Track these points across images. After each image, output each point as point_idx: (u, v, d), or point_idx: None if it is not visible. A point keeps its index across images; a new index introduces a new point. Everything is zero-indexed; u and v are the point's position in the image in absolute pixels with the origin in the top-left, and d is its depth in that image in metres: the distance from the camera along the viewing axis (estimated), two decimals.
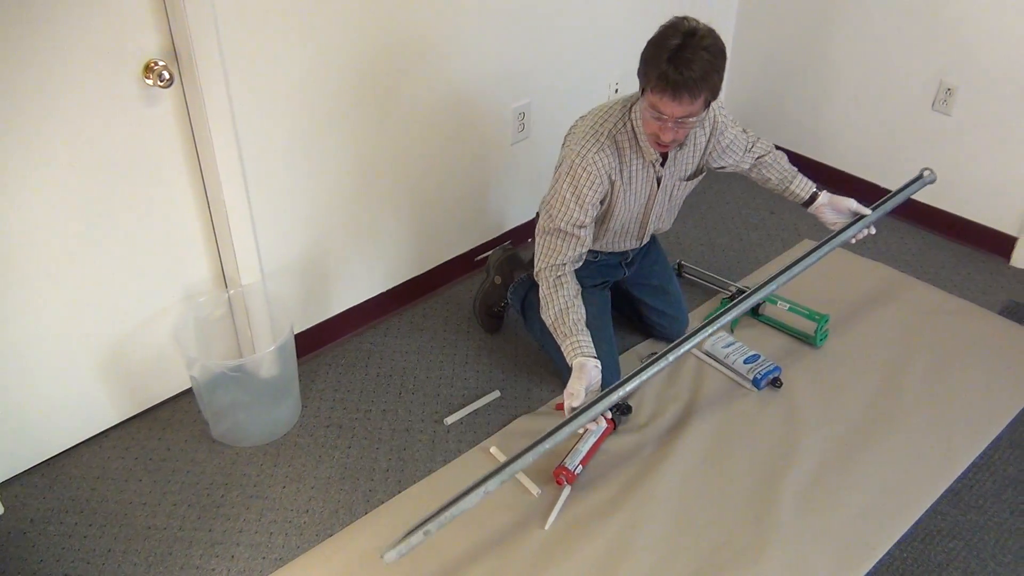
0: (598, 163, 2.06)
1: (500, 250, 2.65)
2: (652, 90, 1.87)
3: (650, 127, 1.97)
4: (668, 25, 1.88)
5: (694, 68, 1.80)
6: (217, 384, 2.21)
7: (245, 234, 2.22)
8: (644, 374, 1.99)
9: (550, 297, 2.12)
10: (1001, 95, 2.83)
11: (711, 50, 1.83)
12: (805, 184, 2.41)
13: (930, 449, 2.25)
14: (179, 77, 2.00)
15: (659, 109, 1.88)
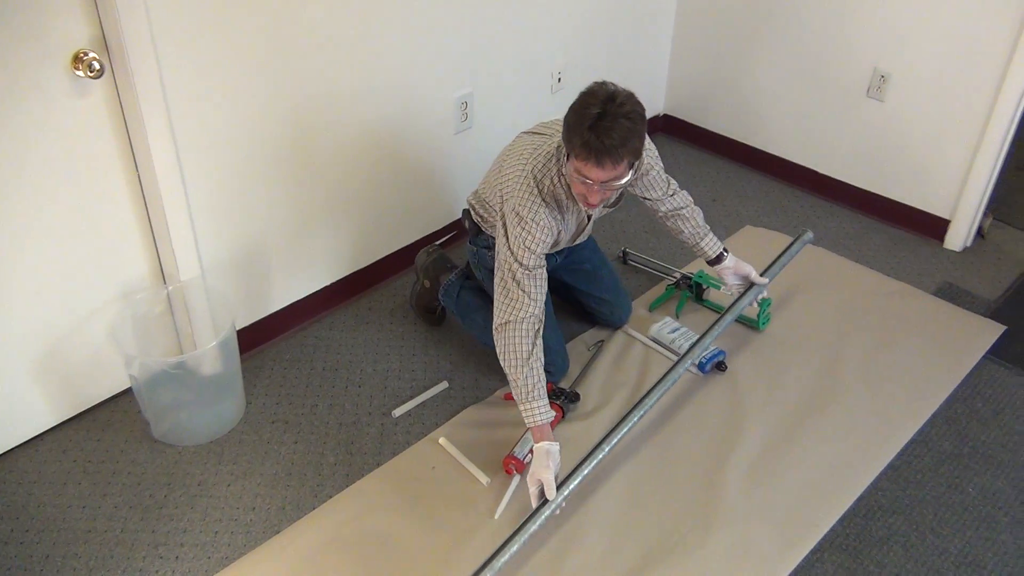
0: (547, 220, 2.05)
1: (424, 253, 2.61)
2: (576, 157, 1.90)
3: (578, 188, 1.99)
4: (588, 92, 1.90)
5: (614, 135, 1.83)
6: (157, 382, 2.16)
7: (183, 228, 2.18)
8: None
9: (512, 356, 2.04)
10: (933, 82, 2.90)
11: (630, 116, 1.85)
12: (715, 243, 2.45)
13: (870, 427, 2.30)
14: (110, 67, 1.95)
15: (584, 174, 1.91)
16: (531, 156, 2.11)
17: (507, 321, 2.05)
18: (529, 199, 2.05)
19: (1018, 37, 2.65)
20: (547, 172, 2.07)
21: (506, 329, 2.05)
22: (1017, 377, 2.49)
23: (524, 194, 2.06)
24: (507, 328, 2.05)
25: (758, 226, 3.15)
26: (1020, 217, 3.22)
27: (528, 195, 2.05)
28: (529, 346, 2.04)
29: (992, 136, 2.82)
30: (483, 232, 2.38)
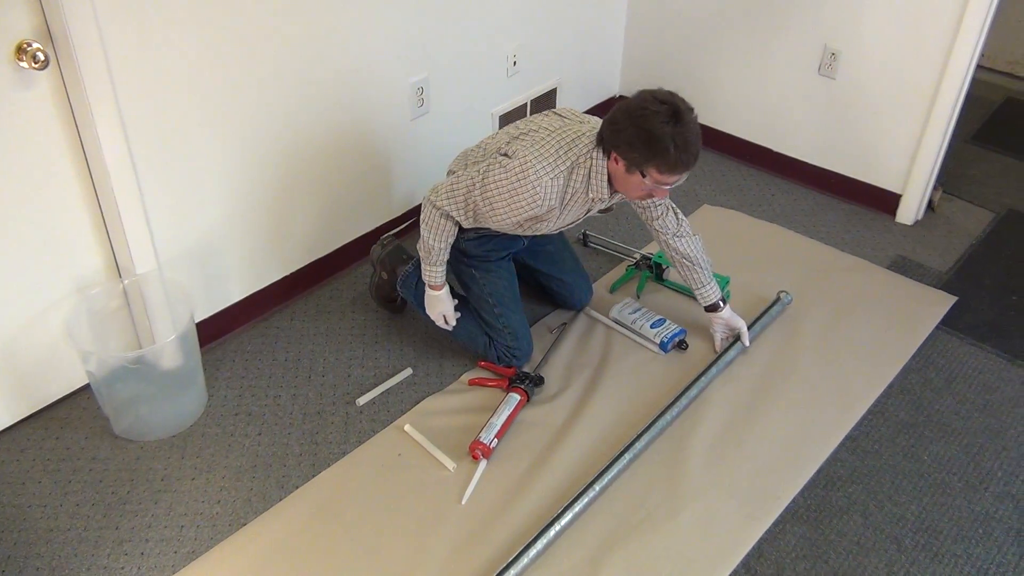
0: (547, 188, 2.07)
1: (379, 246, 2.59)
2: (659, 169, 1.99)
3: (640, 192, 2.09)
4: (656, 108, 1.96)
5: (694, 149, 1.98)
6: (116, 378, 2.13)
7: (137, 221, 2.14)
8: None
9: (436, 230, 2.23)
10: (882, 58, 2.94)
11: (698, 127, 2.00)
12: (714, 291, 2.45)
13: (828, 400, 2.35)
14: (55, 58, 1.90)
15: (666, 183, 2.03)
16: (560, 134, 2.12)
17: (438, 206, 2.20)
18: (544, 161, 2.07)
19: (963, 13, 2.70)
20: (574, 147, 2.11)
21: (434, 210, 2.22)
22: (968, 347, 2.56)
23: (543, 158, 2.07)
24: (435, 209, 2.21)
25: (716, 205, 3.18)
26: (968, 190, 3.30)
27: (545, 158, 2.07)
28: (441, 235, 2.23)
29: (940, 111, 2.87)
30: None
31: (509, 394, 2.27)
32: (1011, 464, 2.20)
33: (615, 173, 2.09)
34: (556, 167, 2.08)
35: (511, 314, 2.38)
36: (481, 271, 2.39)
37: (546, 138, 2.12)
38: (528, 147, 2.10)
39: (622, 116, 2.00)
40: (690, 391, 2.31)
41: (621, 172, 2.06)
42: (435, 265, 2.30)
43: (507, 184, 2.08)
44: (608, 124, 2.05)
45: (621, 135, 2.01)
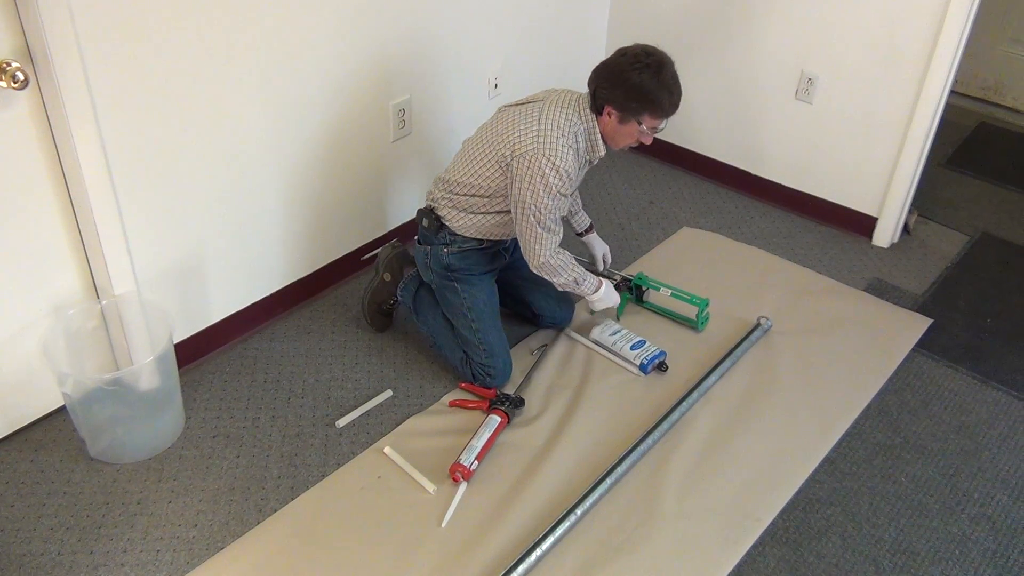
0: (571, 159, 2.25)
1: (389, 247, 2.63)
2: (653, 115, 2.25)
3: (633, 140, 2.31)
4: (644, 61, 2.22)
5: (680, 89, 2.27)
6: (93, 399, 2.11)
7: (116, 240, 2.13)
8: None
9: (561, 268, 2.37)
10: (858, 84, 2.99)
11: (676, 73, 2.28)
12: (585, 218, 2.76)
13: (806, 421, 2.36)
14: (35, 77, 1.89)
15: (657, 127, 2.29)
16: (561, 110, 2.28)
17: (545, 260, 2.33)
18: (557, 144, 2.23)
19: (936, 39, 2.75)
20: (572, 117, 2.28)
21: (546, 264, 2.34)
22: (944, 368, 2.59)
23: (551, 140, 2.23)
24: (547, 264, 2.34)
25: (695, 227, 3.21)
26: (943, 213, 3.34)
27: (555, 141, 2.23)
28: (568, 263, 2.38)
29: (914, 135, 2.92)
30: (444, 228, 2.41)
31: (489, 416, 2.27)
32: (986, 485, 2.22)
33: (608, 127, 2.30)
34: (566, 141, 2.24)
35: (488, 330, 2.39)
36: (463, 284, 2.41)
37: (544, 120, 2.25)
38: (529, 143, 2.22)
39: (614, 73, 2.23)
40: (671, 415, 2.32)
41: (614, 125, 2.28)
42: (582, 279, 2.42)
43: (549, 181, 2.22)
44: (599, 84, 2.25)
45: (617, 90, 2.23)
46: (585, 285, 2.43)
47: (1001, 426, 2.40)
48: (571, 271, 2.38)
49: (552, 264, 2.34)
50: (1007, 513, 2.15)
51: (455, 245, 2.40)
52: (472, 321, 2.39)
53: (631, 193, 3.42)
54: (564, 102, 2.30)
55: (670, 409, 2.35)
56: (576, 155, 2.28)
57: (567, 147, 2.23)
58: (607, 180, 3.49)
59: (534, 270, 2.36)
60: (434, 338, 2.50)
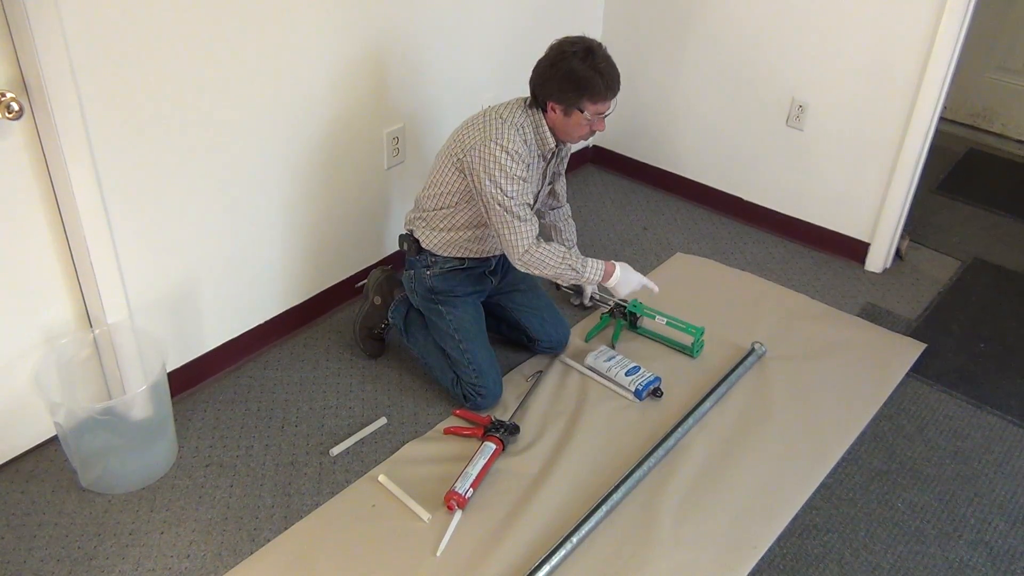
0: (520, 142, 2.26)
1: (379, 271, 2.64)
2: (592, 100, 2.23)
3: (583, 130, 2.30)
4: (571, 50, 2.22)
5: (614, 69, 2.26)
6: (85, 429, 2.09)
7: (109, 269, 2.12)
8: None
9: (547, 257, 2.30)
10: (848, 111, 3.02)
11: (609, 55, 2.27)
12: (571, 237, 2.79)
13: (802, 447, 2.36)
14: (29, 108, 1.90)
15: (601, 111, 2.28)
16: (494, 113, 2.30)
17: (525, 250, 2.28)
18: (501, 130, 2.25)
19: (925, 67, 2.78)
20: (512, 114, 2.30)
21: (527, 255, 2.29)
22: (938, 393, 2.59)
23: (495, 129, 2.25)
24: (527, 254, 2.29)
25: (688, 253, 3.22)
26: (935, 238, 3.36)
27: (499, 129, 2.25)
28: (556, 252, 2.31)
29: (905, 162, 2.94)
30: (423, 251, 2.42)
31: (484, 443, 2.26)
32: (983, 511, 2.21)
33: (556, 122, 2.30)
34: (511, 128, 2.26)
35: (476, 349, 2.39)
36: (447, 306, 2.41)
37: (484, 123, 2.28)
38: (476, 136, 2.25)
39: (546, 67, 2.25)
40: (666, 442, 2.31)
41: (560, 118, 2.28)
42: (586, 265, 2.36)
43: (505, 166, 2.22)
44: (537, 79, 2.28)
45: (551, 83, 2.24)
46: (589, 271, 2.36)
47: (997, 451, 2.40)
48: (563, 260, 2.31)
49: (536, 255, 2.28)
50: (1004, 539, 2.14)
51: (437, 267, 2.42)
52: (460, 342, 2.39)
53: (625, 219, 3.43)
54: (507, 103, 2.34)
55: (665, 436, 2.34)
56: (525, 144, 2.28)
57: (513, 133, 2.24)
58: (600, 207, 3.50)
59: (520, 268, 2.31)
60: (425, 359, 2.50)
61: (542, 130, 2.32)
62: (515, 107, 2.32)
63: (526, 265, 2.30)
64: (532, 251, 2.28)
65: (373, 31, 2.56)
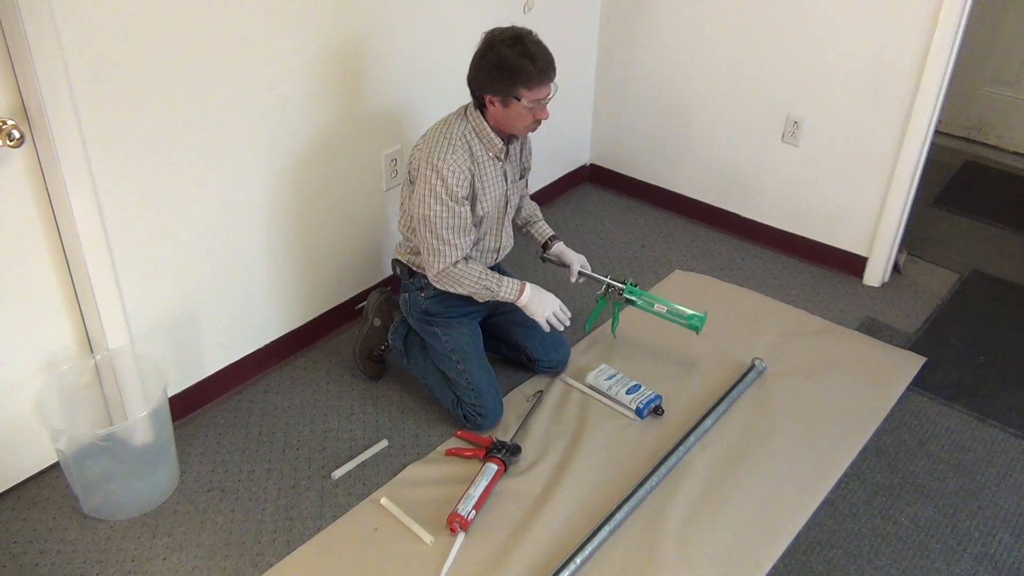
0: (458, 160, 2.22)
1: (378, 293, 2.65)
2: (529, 87, 2.18)
3: (525, 120, 2.25)
4: (500, 38, 2.18)
5: (546, 53, 2.20)
6: (87, 455, 2.09)
7: (110, 295, 2.13)
8: None
9: (462, 276, 2.30)
10: (843, 126, 3.03)
11: (540, 40, 2.22)
12: (547, 228, 2.69)
13: (805, 463, 2.35)
14: (31, 136, 1.91)
15: (539, 98, 2.21)
16: (433, 131, 2.29)
17: (440, 270, 2.29)
18: (438, 149, 2.22)
19: (919, 80, 2.80)
20: (450, 126, 2.27)
21: (442, 274, 2.30)
22: (939, 407, 2.59)
23: (435, 150, 2.23)
24: (443, 274, 2.30)
25: (687, 270, 3.23)
26: (933, 252, 3.37)
27: (438, 147, 2.23)
28: (472, 272, 2.31)
29: (901, 175, 2.95)
30: (415, 273, 2.42)
31: (486, 464, 2.26)
32: (987, 525, 2.21)
33: (497, 116, 2.25)
34: (450, 144, 2.23)
35: (475, 369, 2.39)
36: (443, 328, 2.42)
37: (425, 142, 2.28)
38: (419, 156, 2.26)
39: (476, 62, 2.22)
40: (668, 460, 2.31)
41: (500, 111, 2.23)
42: (500, 285, 2.34)
43: (436, 189, 2.20)
44: (471, 74, 2.25)
45: (483, 75, 2.21)
46: (503, 291, 2.35)
47: (999, 464, 2.39)
48: (478, 280, 2.31)
49: (451, 273, 2.29)
50: (1009, 552, 2.13)
51: (430, 289, 2.41)
52: (457, 363, 2.40)
53: (623, 237, 3.44)
54: (448, 116, 2.32)
55: (667, 454, 2.34)
56: (471, 156, 2.25)
57: (452, 151, 2.21)
58: (598, 225, 3.51)
59: (434, 283, 2.33)
60: (425, 381, 2.50)
61: (485, 132, 2.28)
62: (454, 119, 2.29)
63: (440, 283, 2.32)
64: (449, 270, 2.29)
65: (371, 56, 2.58)
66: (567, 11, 3.31)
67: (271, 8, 2.24)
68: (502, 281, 2.35)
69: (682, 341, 2.77)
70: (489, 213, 2.37)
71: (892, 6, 2.78)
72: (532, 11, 3.09)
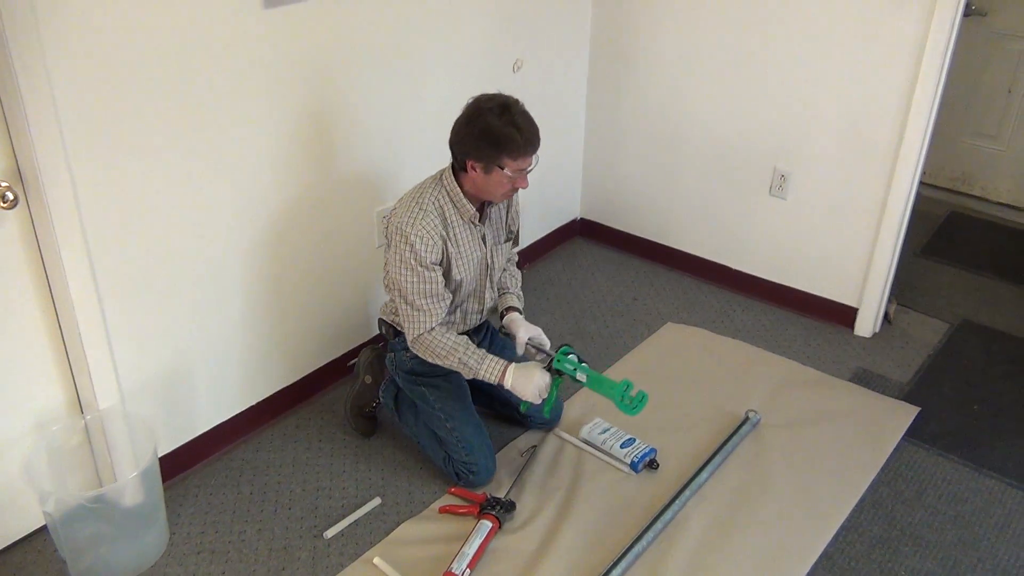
0: (427, 225, 2.22)
1: (369, 350, 2.64)
2: (513, 157, 2.17)
3: (505, 188, 2.23)
4: (487, 106, 2.17)
5: (532, 125, 2.19)
6: (75, 518, 2.06)
7: (101, 355, 2.12)
8: None
9: (439, 347, 2.27)
10: (829, 179, 3.07)
11: (526, 111, 2.21)
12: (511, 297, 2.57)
13: (801, 516, 2.34)
14: (24, 198, 1.92)
15: (521, 167, 2.21)
16: (406, 197, 2.29)
17: (415, 337, 2.28)
18: (409, 215, 2.22)
19: (903, 133, 2.85)
20: (424, 191, 2.27)
21: (417, 341, 2.29)
22: (935, 457, 2.58)
23: (406, 215, 2.23)
24: (417, 341, 2.29)
25: (679, 323, 3.24)
26: (922, 302, 3.39)
27: (409, 213, 2.23)
28: (450, 343, 2.27)
29: (888, 227, 2.99)
30: (400, 333, 2.42)
31: (480, 521, 2.23)
32: None
33: (477, 182, 2.23)
34: (421, 208, 2.23)
35: (464, 428, 2.38)
36: (430, 388, 2.41)
37: (400, 204, 2.28)
38: (394, 219, 2.26)
39: (462, 126, 2.21)
40: (664, 515, 2.29)
41: (481, 177, 2.21)
42: (481, 363, 2.28)
43: (404, 255, 2.21)
44: (453, 140, 2.23)
45: (467, 141, 2.19)
46: (484, 371, 2.27)
47: (997, 515, 2.38)
48: (452, 353, 2.26)
49: (425, 342, 2.27)
50: None
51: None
52: (446, 421, 2.38)
53: (614, 291, 3.45)
54: (423, 182, 2.31)
55: (663, 508, 2.32)
56: (443, 222, 2.24)
57: (423, 216, 2.21)
58: (590, 279, 3.53)
59: (412, 349, 2.32)
60: (417, 439, 2.49)
61: (459, 198, 2.26)
62: (428, 184, 2.29)
63: (417, 350, 2.30)
64: (424, 337, 2.27)
65: (362, 116, 2.61)
66: (556, 68, 3.37)
67: (259, 77, 2.28)
68: (484, 360, 2.28)
69: (675, 393, 2.77)
70: (467, 278, 2.35)
71: (874, 62, 2.84)
72: (521, 68, 3.15)
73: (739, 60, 3.13)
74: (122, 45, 1.95)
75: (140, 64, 2.00)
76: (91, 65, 1.91)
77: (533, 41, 3.18)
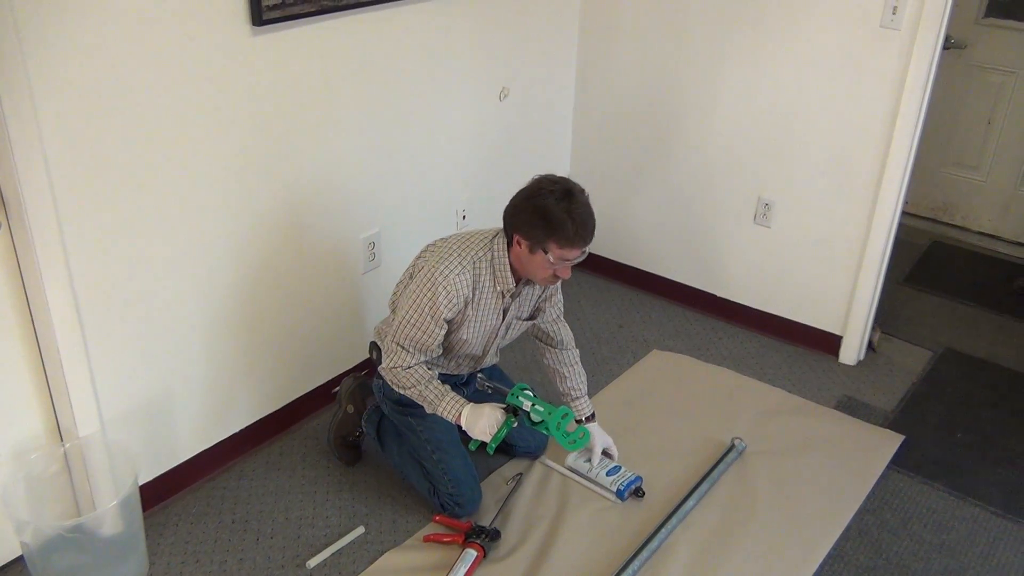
0: (458, 284, 2.18)
1: (351, 379, 2.62)
2: (558, 243, 2.12)
3: (545, 272, 2.20)
4: (549, 188, 2.15)
5: (589, 222, 2.16)
6: (52, 548, 2.03)
7: (82, 382, 2.10)
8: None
9: (405, 379, 2.26)
10: (813, 208, 3.10)
11: (589, 204, 2.19)
12: (587, 405, 2.56)
13: (788, 545, 2.33)
14: (6, 222, 1.91)
15: (567, 257, 2.16)
16: (454, 239, 2.27)
17: (390, 367, 2.26)
18: (448, 261, 2.19)
19: (884, 164, 2.88)
20: (471, 244, 2.25)
21: (391, 372, 2.27)
22: (920, 485, 2.58)
23: (445, 260, 2.20)
24: (391, 371, 2.27)
25: (665, 350, 3.24)
26: (906, 330, 3.41)
27: (448, 259, 2.20)
28: (416, 377, 2.25)
29: (871, 255, 3.01)
30: None
31: (465, 550, 2.21)
32: None
33: (519, 257, 2.21)
34: (461, 263, 2.20)
35: (451, 459, 2.36)
36: (417, 418, 2.39)
37: (443, 246, 2.27)
38: (429, 258, 2.25)
39: (521, 199, 2.17)
40: (651, 543, 2.27)
41: (525, 254, 2.18)
42: (440, 399, 2.25)
43: (422, 300, 2.19)
44: (509, 209, 2.20)
45: (521, 216, 2.16)
46: (442, 408, 2.25)
47: (982, 543, 2.38)
48: (415, 387, 2.24)
49: (395, 373, 2.25)
50: None
51: None
52: (432, 452, 2.36)
53: (600, 318, 3.45)
54: (478, 233, 2.28)
55: (649, 536, 2.30)
56: (474, 280, 2.21)
57: (461, 272, 2.18)
58: (576, 306, 3.53)
59: (382, 374, 2.31)
60: (401, 470, 2.47)
61: (501, 267, 2.23)
62: (478, 240, 2.25)
63: (387, 378, 2.29)
64: (397, 370, 2.26)
65: (348, 139, 2.62)
66: (541, 97, 3.39)
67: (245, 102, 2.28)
68: (444, 396, 2.25)
69: (661, 421, 2.76)
70: (473, 341, 2.33)
71: (857, 94, 2.88)
72: (507, 97, 3.17)
73: (724, 91, 3.16)
74: (108, 70, 1.95)
75: (126, 89, 2.00)
76: (76, 89, 1.91)
77: (519, 70, 3.21)
